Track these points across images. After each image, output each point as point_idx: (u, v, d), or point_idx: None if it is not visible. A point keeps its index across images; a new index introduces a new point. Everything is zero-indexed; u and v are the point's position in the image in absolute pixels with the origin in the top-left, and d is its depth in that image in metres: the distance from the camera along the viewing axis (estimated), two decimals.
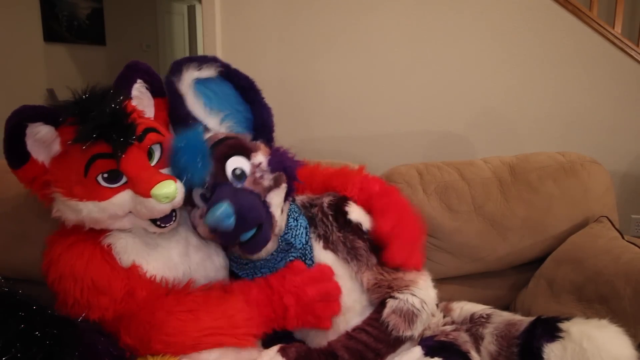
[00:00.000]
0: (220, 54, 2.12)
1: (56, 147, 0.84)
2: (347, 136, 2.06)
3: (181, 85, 0.94)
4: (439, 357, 0.85)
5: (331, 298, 0.92)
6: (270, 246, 0.92)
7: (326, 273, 0.93)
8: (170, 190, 0.82)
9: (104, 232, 0.91)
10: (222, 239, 0.89)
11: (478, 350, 0.90)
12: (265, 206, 0.88)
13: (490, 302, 1.04)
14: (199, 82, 0.97)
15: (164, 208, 0.84)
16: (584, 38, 1.88)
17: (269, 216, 0.88)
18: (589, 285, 1.08)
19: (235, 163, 0.89)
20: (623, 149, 1.94)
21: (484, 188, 1.28)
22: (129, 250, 0.90)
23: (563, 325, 0.81)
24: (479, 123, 2.00)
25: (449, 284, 1.30)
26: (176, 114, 0.95)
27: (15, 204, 1.11)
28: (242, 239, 0.86)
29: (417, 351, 0.88)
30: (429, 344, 0.89)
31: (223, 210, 0.79)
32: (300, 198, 1.04)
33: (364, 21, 2.01)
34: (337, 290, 0.93)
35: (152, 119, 0.96)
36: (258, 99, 1.01)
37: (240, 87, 1.00)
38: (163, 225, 0.89)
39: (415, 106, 2.05)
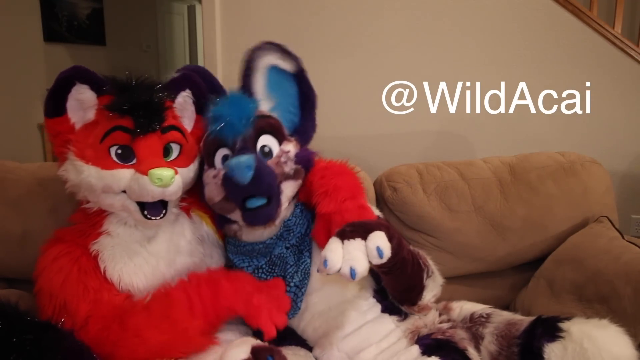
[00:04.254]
0: (220, 54, 2.12)
1: (90, 115, 0.88)
2: (347, 136, 2.06)
3: (259, 61, 0.99)
4: (436, 355, 0.85)
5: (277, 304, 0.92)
6: (273, 229, 0.95)
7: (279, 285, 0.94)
8: (165, 173, 0.84)
9: (92, 238, 0.91)
10: (230, 193, 0.88)
11: (478, 350, 0.90)
12: (279, 189, 0.90)
13: (490, 302, 1.04)
14: (274, 69, 1.01)
15: (153, 190, 0.84)
16: (584, 38, 1.88)
17: (278, 200, 0.90)
18: (589, 285, 1.08)
19: (267, 140, 0.93)
20: (623, 149, 1.94)
21: (484, 188, 1.28)
22: (117, 258, 0.90)
23: (563, 325, 0.81)
24: (479, 123, 2.00)
25: (449, 284, 1.28)
26: (242, 82, 0.99)
27: (15, 204, 1.11)
28: (248, 205, 0.87)
29: (415, 350, 0.88)
30: (426, 343, 0.89)
31: (247, 159, 0.82)
32: None
33: (363, 21, 2.01)
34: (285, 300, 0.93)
35: (189, 131, 0.99)
36: (311, 113, 1.05)
37: (303, 94, 1.04)
38: (149, 216, 0.89)
39: (416, 106, 2.05)
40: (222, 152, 0.92)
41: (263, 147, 0.92)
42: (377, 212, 1.06)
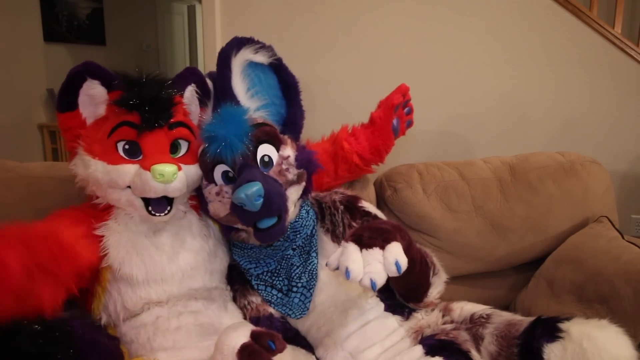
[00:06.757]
0: None
1: (101, 110, 0.90)
2: None
3: (235, 61, 0.97)
4: (440, 356, 0.85)
5: None
6: None
7: None
8: (167, 169, 0.84)
9: (98, 221, 0.91)
10: (241, 219, 0.88)
11: (478, 351, 0.90)
12: (285, 200, 0.90)
13: (490, 302, 1.04)
14: (250, 65, 1.00)
15: (155, 186, 0.85)
16: (584, 38, 1.88)
17: (287, 211, 0.90)
18: (589, 285, 1.08)
19: (266, 150, 0.92)
20: (623, 149, 1.94)
21: (484, 188, 1.28)
22: (121, 246, 0.89)
23: (563, 326, 0.81)
24: (479, 123, 2.00)
25: (449, 284, 1.28)
26: (220, 86, 0.97)
27: (15, 203, 1.11)
28: (260, 226, 0.87)
29: (418, 350, 0.88)
30: (430, 343, 0.89)
31: (256, 190, 0.81)
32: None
33: (363, 21, 2.01)
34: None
35: (195, 126, 0.99)
36: (296, 99, 1.04)
37: (284, 82, 1.04)
38: (153, 212, 0.89)
39: (416, 106, 2.04)
40: (221, 168, 0.91)
41: (263, 157, 0.91)
42: (378, 213, 1.06)
